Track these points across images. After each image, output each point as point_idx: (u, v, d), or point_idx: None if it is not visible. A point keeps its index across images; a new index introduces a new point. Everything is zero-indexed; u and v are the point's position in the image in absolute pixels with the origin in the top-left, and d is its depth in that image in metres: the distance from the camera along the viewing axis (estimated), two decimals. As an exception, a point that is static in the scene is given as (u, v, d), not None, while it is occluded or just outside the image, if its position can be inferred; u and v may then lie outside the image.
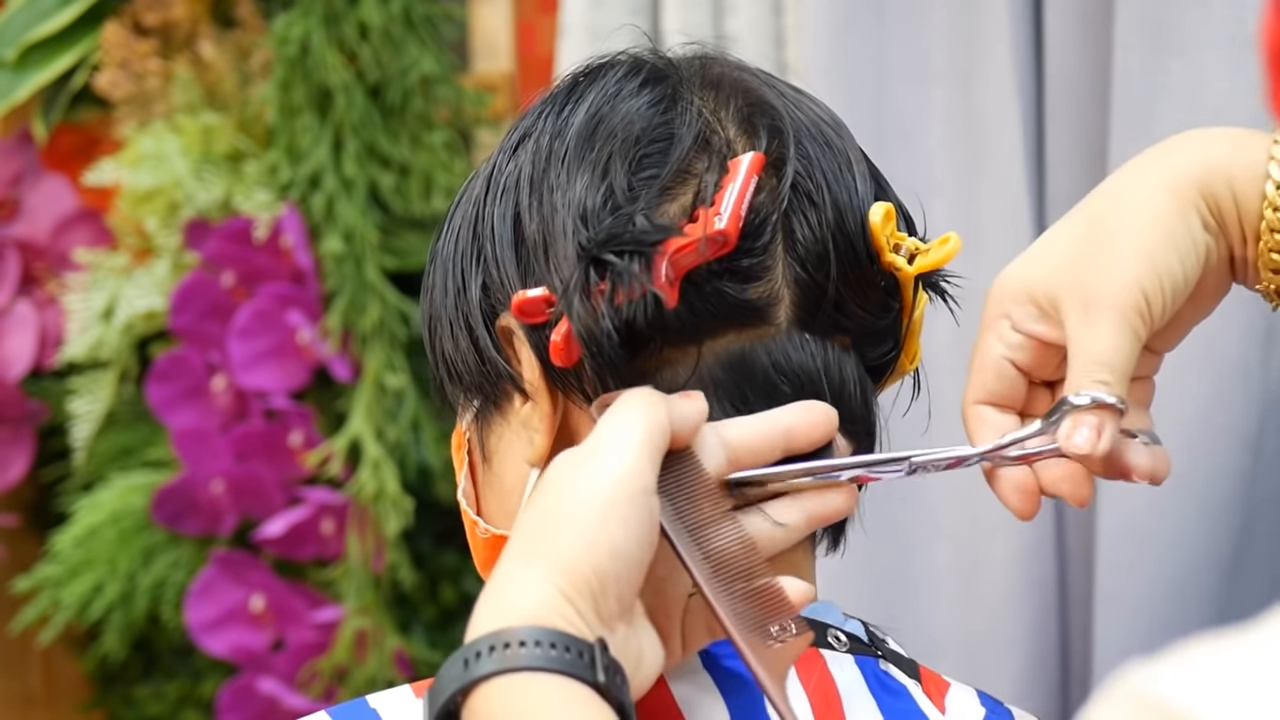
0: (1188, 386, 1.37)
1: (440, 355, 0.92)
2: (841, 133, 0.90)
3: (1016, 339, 0.84)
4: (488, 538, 0.93)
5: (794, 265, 0.85)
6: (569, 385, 0.86)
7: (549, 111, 0.90)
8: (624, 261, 0.82)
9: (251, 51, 2.00)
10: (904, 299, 0.89)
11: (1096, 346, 0.80)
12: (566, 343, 0.83)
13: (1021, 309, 0.84)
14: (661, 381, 0.84)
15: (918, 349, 0.92)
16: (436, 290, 0.92)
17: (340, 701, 1.89)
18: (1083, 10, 1.50)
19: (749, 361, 0.85)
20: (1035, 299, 0.84)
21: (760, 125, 0.87)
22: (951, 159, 1.58)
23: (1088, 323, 0.81)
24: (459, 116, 2.02)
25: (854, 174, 0.88)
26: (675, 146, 0.86)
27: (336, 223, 1.92)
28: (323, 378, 1.96)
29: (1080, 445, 0.80)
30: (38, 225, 2.14)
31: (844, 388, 0.86)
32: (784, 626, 0.77)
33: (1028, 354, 0.84)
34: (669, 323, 0.83)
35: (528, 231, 0.87)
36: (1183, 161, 0.84)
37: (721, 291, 0.84)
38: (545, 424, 0.87)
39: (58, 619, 2.01)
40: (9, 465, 2.14)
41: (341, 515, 1.92)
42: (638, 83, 0.89)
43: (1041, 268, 0.84)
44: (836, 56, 1.59)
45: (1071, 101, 1.52)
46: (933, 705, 0.89)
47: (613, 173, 0.85)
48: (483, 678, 0.72)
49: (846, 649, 0.88)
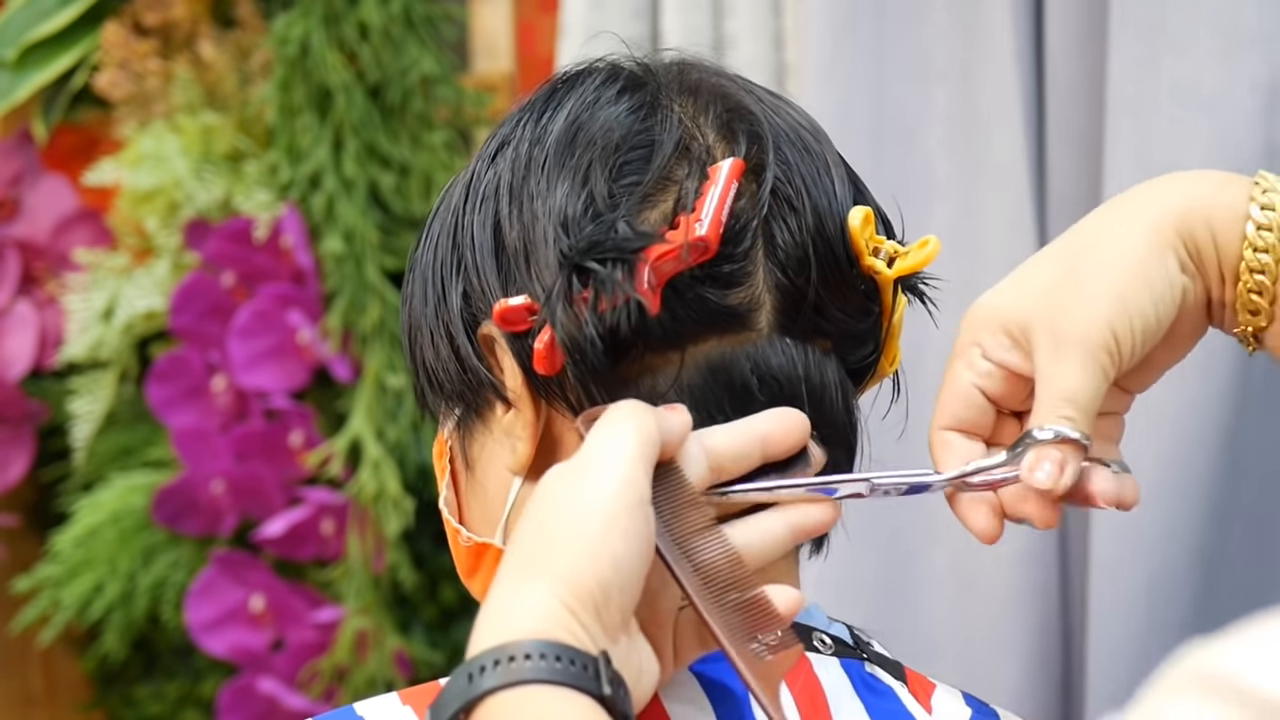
0: (1173, 386, 1.38)
1: (421, 364, 0.92)
2: (820, 138, 0.90)
3: (987, 367, 0.85)
4: (470, 546, 0.93)
5: (774, 270, 0.86)
6: (552, 393, 0.86)
7: (527, 119, 0.90)
8: (606, 269, 0.82)
9: (251, 51, 2.00)
10: (883, 302, 0.89)
11: (1063, 382, 0.81)
12: (549, 351, 0.84)
13: (994, 338, 0.84)
14: (644, 388, 0.84)
15: (897, 352, 0.92)
16: (416, 299, 0.92)
17: (340, 702, 1.90)
18: (1082, 10, 1.50)
19: (730, 367, 0.85)
20: (1008, 329, 0.84)
21: (739, 131, 0.88)
22: (951, 159, 1.58)
23: (1056, 358, 0.81)
24: (459, 116, 2.02)
25: (833, 178, 0.88)
26: (656, 153, 0.86)
27: (336, 223, 1.92)
28: (323, 378, 1.96)
29: (1042, 480, 0.80)
30: (38, 225, 2.14)
31: (824, 391, 0.86)
32: (775, 636, 0.77)
33: (997, 383, 0.85)
34: (651, 329, 0.83)
35: (508, 239, 0.87)
36: (1165, 201, 0.84)
37: (703, 298, 0.84)
38: (528, 432, 0.87)
39: (58, 619, 2.01)
40: (9, 465, 2.14)
41: (341, 515, 1.92)
42: (616, 89, 0.89)
43: (1016, 298, 0.85)
44: (837, 57, 1.59)
45: (1071, 101, 1.52)
46: (919, 706, 0.90)
47: (593, 180, 0.85)
48: (487, 692, 0.72)
49: (831, 651, 0.88)
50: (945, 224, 1.58)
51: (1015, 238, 1.56)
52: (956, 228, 1.58)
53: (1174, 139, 1.41)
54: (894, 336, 0.91)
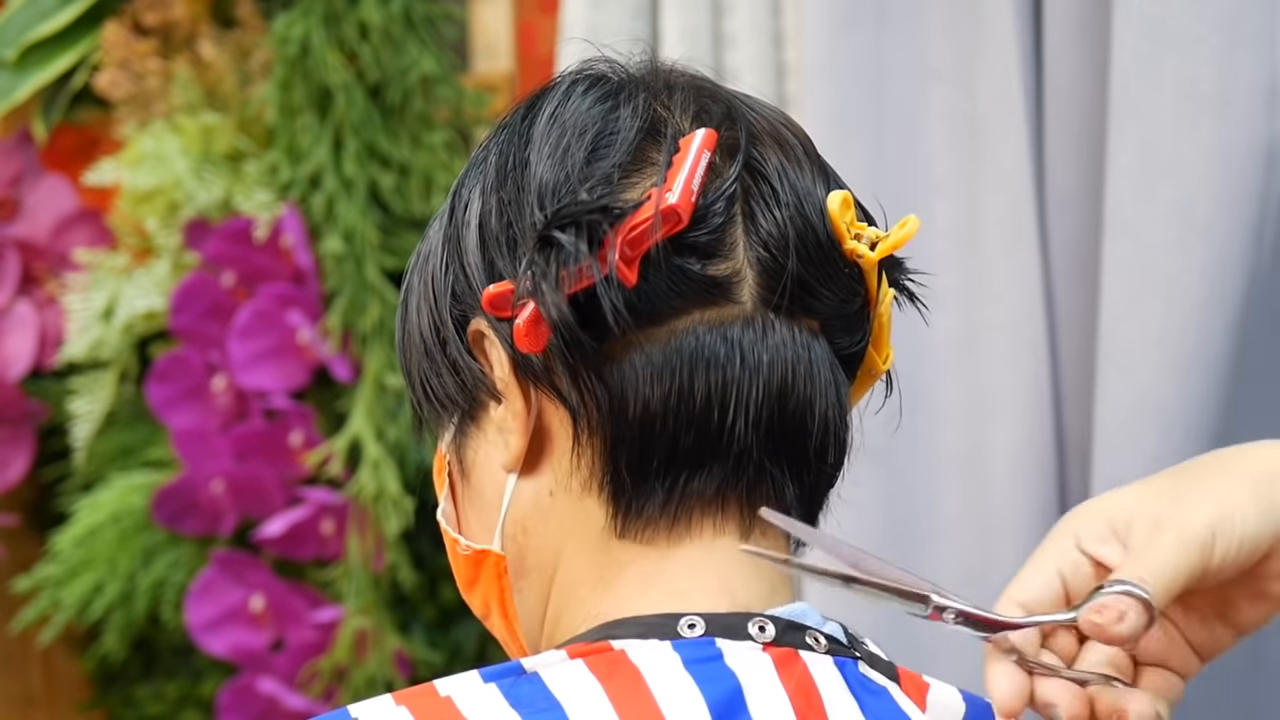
0: (1173, 385, 1.38)
1: (416, 375, 0.93)
2: (793, 127, 0.92)
3: (1077, 557, 0.84)
4: (469, 554, 0.93)
5: (756, 246, 0.87)
6: (539, 379, 0.86)
7: (508, 126, 0.92)
8: (570, 236, 0.83)
9: (251, 51, 2.00)
10: (869, 286, 0.90)
11: (1149, 557, 0.81)
12: (530, 326, 0.85)
13: (1092, 527, 0.84)
14: (632, 367, 0.85)
15: (889, 349, 0.93)
16: (411, 315, 0.93)
17: (341, 702, 1.90)
18: (1082, 9, 1.50)
19: (719, 342, 0.85)
20: (1111, 520, 0.83)
21: (714, 113, 0.89)
22: (951, 159, 1.59)
23: (1151, 539, 0.81)
24: (459, 116, 2.02)
25: (809, 161, 0.90)
26: (631, 135, 0.88)
27: (336, 223, 1.92)
28: (323, 378, 1.96)
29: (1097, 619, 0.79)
30: (38, 225, 2.14)
31: (813, 369, 0.87)
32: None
33: (1079, 576, 0.83)
34: (631, 302, 0.84)
35: (493, 230, 0.88)
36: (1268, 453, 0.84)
37: (682, 268, 0.85)
38: (519, 423, 0.88)
39: (58, 619, 2.01)
40: (9, 465, 2.14)
41: (341, 515, 1.92)
42: (591, 85, 0.91)
43: (1123, 500, 0.84)
44: (836, 56, 1.59)
45: (1071, 101, 1.53)
46: (913, 705, 0.90)
47: (570, 162, 0.87)
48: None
49: (825, 650, 0.88)
50: (945, 224, 1.58)
51: (1015, 238, 1.56)
52: (956, 227, 1.58)
53: (1177, 137, 1.41)
54: (884, 329, 0.92)
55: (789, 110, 1.70)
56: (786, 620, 0.86)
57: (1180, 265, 1.42)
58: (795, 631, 0.87)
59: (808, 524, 0.91)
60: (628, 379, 0.86)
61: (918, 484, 1.60)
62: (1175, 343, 1.42)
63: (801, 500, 0.89)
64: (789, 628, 0.86)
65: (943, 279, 0.95)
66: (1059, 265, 1.57)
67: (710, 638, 0.85)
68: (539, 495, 0.89)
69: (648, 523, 0.87)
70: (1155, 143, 1.42)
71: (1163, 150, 1.42)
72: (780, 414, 0.87)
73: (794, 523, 0.84)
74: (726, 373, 0.86)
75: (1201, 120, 1.40)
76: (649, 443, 0.86)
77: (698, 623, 0.85)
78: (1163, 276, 1.42)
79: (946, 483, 1.60)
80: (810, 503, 0.90)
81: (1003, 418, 1.58)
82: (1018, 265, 1.56)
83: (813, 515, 0.91)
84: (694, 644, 0.85)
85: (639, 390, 0.86)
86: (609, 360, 0.85)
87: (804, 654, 0.87)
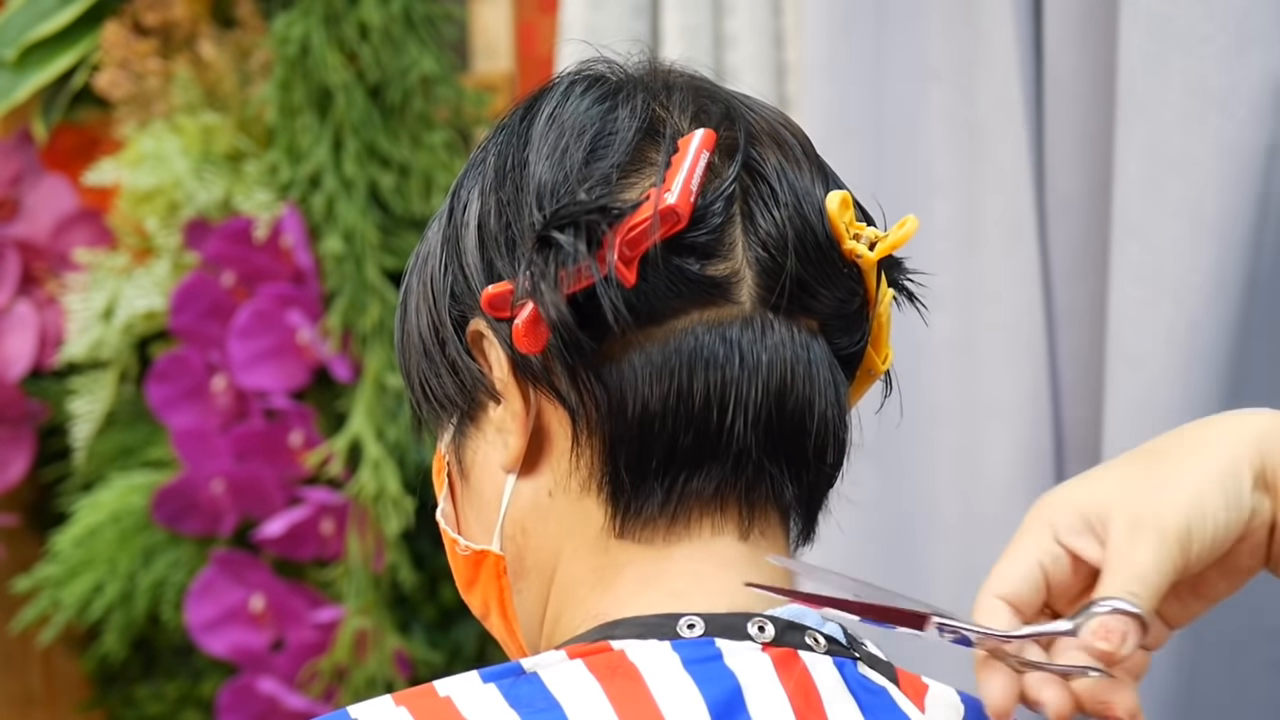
0: (1173, 384, 1.39)
1: (416, 376, 0.93)
2: (792, 127, 0.92)
3: (1056, 549, 0.84)
4: (469, 555, 0.94)
5: (755, 246, 0.87)
6: (538, 379, 0.87)
7: (507, 128, 0.92)
8: (568, 237, 0.83)
9: (251, 51, 2.00)
10: (868, 286, 0.90)
11: (1136, 561, 0.81)
12: (529, 327, 0.85)
13: (1068, 519, 0.84)
14: (630, 367, 0.85)
15: (888, 349, 0.93)
16: (410, 315, 0.93)
17: (340, 701, 1.90)
18: (1082, 9, 1.50)
19: (718, 342, 0.85)
20: (1084, 513, 0.84)
21: (713, 113, 0.89)
22: (951, 159, 1.59)
23: (1132, 539, 0.82)
24: (459, 116, 2.02)
25: (808, 161, 0.90)
26: (630, 136, 0.88)
27: (336, 223, 1.92)
28: (323, 378, 1.96)
29: (1103, 646, 0.80)
30: (38, 225, 2.14)
31: (812, 369, 0.87)
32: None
33: (1061, 568, 0.84)
34: (630, 302, 0.84)
35: (492, 231, 0.88)
36: (1246, 423, 0.85)
37: (681, 268, 0.85)
38: (518, 423, 0.88)
39: (58, 619, 2.01)
40: (9, 465, 2.14)
41: (341, 515, 1.92)
42: (589, 86, 0.91)
43: (1092, 489, 0.85)
44: (836, 56, 1.59)
45: (1071, 100, 1.53)
46: (912, 705, 0.90)
47: (569, 162, 0.87)
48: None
49: (825, 650, 0.88)
50: (944, 224, 1.58)
51: (1014, 238, 1.56)
52: (956, 227, 1.58)
53: (1184, 135, 1.41)
54: (883, 329, 0.92)
55: (789, 110, 1.70)
56: (786, 620, 0.87)
57: (1189, 263, 1.42)
58: (795, 632, 0.87)
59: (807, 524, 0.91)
60: (627, 379, 0.86)
61: (916, 484, 1.60)
62: (1183, 341, 1.42)
63: (800, 500, 0.89)
64: (788, 628, 0.86)
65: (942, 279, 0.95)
66: (1058, 265, 1.57)
67: (710, 638, 0.85)
68: (538, 495, 0.89)
69: (647, 523, 0.87)
70: (1163, 141, 1.42)
71: (1170, 148, 1.42)
72: (779, 414, 0.87)
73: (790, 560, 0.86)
74: (725, 373, 0.86)
75: (1209, 118, 1.40)
76: (648, 443, 0.86)
77: (697, 623, 0.85)
78: (1171, 274, 1.42)
79: (945, 482, 1.60)
80: (809, 503, 0.91)
81: (1001, 418, 1.58)
82: (1017, 266, 1.56)
83: (812, 515, 0.91)
84: (693, 644, 0.85)
85: (638, 390, 0.86)
86: (608, 360, 0.86)
87: (803, 654, 0.87)
